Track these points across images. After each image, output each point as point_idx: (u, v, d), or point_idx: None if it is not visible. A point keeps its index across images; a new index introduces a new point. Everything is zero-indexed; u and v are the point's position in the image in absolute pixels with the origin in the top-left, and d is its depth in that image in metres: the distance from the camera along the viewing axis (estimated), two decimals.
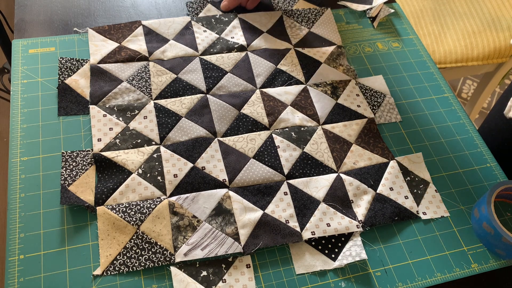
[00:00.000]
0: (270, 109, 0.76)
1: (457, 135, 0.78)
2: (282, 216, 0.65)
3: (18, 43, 0.78)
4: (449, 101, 0.83)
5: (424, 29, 1.31)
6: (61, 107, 0.72)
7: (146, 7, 0.89)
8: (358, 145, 0.74)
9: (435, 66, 0.87)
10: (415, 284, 0.62)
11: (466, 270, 0.64)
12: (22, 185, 0.64)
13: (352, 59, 0.87)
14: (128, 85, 0.75)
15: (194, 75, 0.78)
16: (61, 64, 0.76)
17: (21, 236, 0.60)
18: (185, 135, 0.71)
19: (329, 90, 0.80)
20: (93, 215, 0.62)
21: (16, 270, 0.57)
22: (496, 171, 0.74)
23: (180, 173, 0.67)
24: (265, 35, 0.86)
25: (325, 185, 0.68)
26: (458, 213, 0.69)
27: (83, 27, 0.83)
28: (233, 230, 0.63)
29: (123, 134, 0.70)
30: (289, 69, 0.82)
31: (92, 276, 0.58)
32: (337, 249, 0.63)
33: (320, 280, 0.61)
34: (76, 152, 0.67)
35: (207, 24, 0.87)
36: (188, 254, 0.60)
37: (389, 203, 0.68)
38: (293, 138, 0.73)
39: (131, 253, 0.60)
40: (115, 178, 0.66)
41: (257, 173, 0.68)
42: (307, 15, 0.91)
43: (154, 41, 0.82)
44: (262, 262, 0.62)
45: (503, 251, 0.64)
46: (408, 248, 0.65)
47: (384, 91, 0.82)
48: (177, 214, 0.63)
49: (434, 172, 0.73)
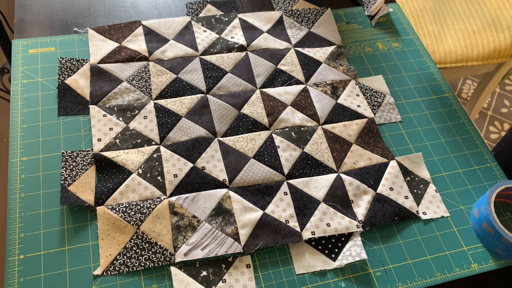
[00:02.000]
0: (270, 109, 0.76)
1: (457, 135, 0.78)
2: (282, 216, 0.65)
3: (18, 43, 0.78)
4: (449, 101, 0.83)
5: (424, 29, 1.31)
6: (61, 107, 0.72)
7: (146, 7, 0.89)
8: (358, 145, 0.74)
9: (435, 66, 0.87)
10: (415, 284, 0.62)
11: (466, 270, 0.64)
12: (22, 185, 0.64)
13: (352, 59, 0.87)
14: (128, 85, 0.75)
15: (194, 75, 0.78)
16: (61, 64, 0.76)
17: (21, 236, 0.60)
18: (185, 135, 0.71)
19: (329, 90, 0.80)
20: (93, 215, 0.62)
21: (16, 270, 0.57)
22: (496, 171, 0.74)
23: (180, 173, 0.67)
24: (265, 35, 0.86)
25: (325, 185, 0.68)
26: (458, 213, 0.69)
27: (83, 27, 0.83)
28: (233, 230, 0.63)
29: (123, 134, 0.70)
30: (289, 69, 0.82)
31: (92, 276, 0.58)
32: (337, 249, 0.63)
33: (320, 280, 0.61)
34: (76, 152, 0.67)
35: (207, 24, 0.87)
36: (188, 254, 0.60)
37: (389, 203, 0.68)
38: (293, 138, 0.73)
39: (131, 253, 0.60)
40: (115, 178, 0.66)
41: (257, 173, 0.68)
42: (307, 15, 0.91)
43: (154, 41, 0.82)
44: (262, 262, 0.62)
45: (503, 251, 0.64)
46: (408, 248, 0.65)
47: (384, 91, 0.82)
48: (177, 214, 0.63)
49: (434, 172, 0.73)
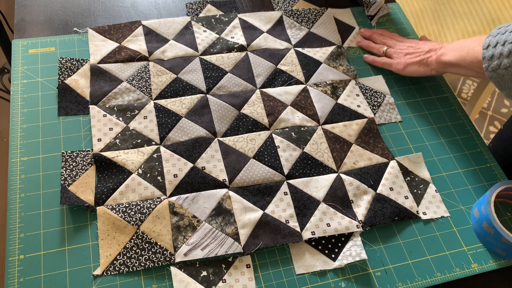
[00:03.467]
0: (270, 109, 0.76)
1: (457, 135, 0.78)
2: (282, 216, 0.65)
3: (18, 43, 0.78)
4: (449, 101, 0.83)
5: (424, 29, 1.31)
6: (61, 107, 0.72)
7: (146, 7, 0.89)
8: (358, 145, 0.74)
9: None
10: (415, 284, 0.62)
11: (466, 270, 0.64)
12: (22, 185, 0.64)
13: (352, 59, 0.87)
14: (128, 85, 0.75)
15: (194, 75, 0.78)
16: (61, 64, 0.76)
17: (21, 236, 0.60)
18: (185, 135, 0.71)
19: (329, 90, 0.80)
20: (93, 215, 0.62)
21: (16, 270, 0.57)
22: (496, 171, 0.74)
23: (180, 173, 0.67)
24: (265, 35, 0.86)
25: (325, 185, 0.68)
26: (458, 213, 0.69)
27: (83, 27, 0.83)
28: (233, 230, 0.63)
29: (123, 134, 0.70)
30: (289, 69, 0.82)
31: (92, 276, 0.58)
32: (337, 249, 0.63)
33: (320, 280, 0.61)
34: (76, 152, 0.67)
35: (207, 24, 0.87)
36: (188, 254, 0.60)
37: (389, 203, 0.68)
38: (293, 138, 0.73)
39: (131, 253, 0.60)
40: (115, 178, 0.65)
41: (257, 173, 0.68)
42: (307, 15, 0.91)
43: (154, 41, 0.82)
44: (262, 262, 0.62)
45: (503, 251, 0.64)
46: (408, 248, 0.65)
47: (384, 91, 0.82)
48: (177, 214, 0.63)
49: (434, 172, 0.73)
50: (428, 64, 0.76)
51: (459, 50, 0.70)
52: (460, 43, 0.71)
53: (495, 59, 0.61)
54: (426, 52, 0.77)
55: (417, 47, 0.80)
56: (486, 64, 0.63)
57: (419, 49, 0.80)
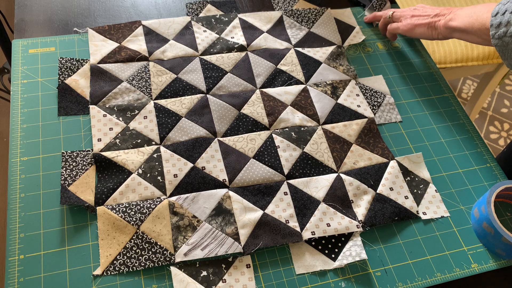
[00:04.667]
0: (270, 109, 0.76)
1: (457, 135, 0.78)
2: (282, 216, 0.65)
3: (18, 43, 0.78)
4: (449, 101, 0.83)
5: None
6: (61, 107, 0.72)
7: (146, 7, 0.89)
8: (358, 145, 0.74)
9: (435, 66, 0.87)
10: (415, 284, 0.62)
11: (466, 270, 0.64)
12: (22, 185, 0.64)
13: (352, 59, 0.87)
14: (128, 85, 0.75)
15: (194, 75, 0.78)
16: (61, 64, 0.76)
17: (21, 236, 0.60)
18: (185, 135, 0.71)
19: (329, 90, 0.80)
20: (93, 215, 0.62)
21: (16, 270, 0.57)
22: (496, 171, 0.74)
23: (180, 173, 0.67)
24: (265, 35, 0.86)
25: (325, 185, 0.68)
26: (458, 213, 0.69)
27: (83, 27, 0.83)
28: (233, 230, 0.63)
29: (123, 134, 0.70)
30: (289, 69, 0.82)
31: (92, 276, 0.58)
32: (337, 249, 0.63)
33: (320, 280, 0.61)
34: (76, 152, 0.67)
35: (207, 24, 0.87)
36: (188, 254, 0.60)
37: (389, 203, 0.68)
38: (293, 138, 0.73)
39: (131, 253, 0.60)
40: (115, 178, 0.65)
41: (257, 173, 0.68)
42: (307, 15, 0.91)
43: (154, 41, 0.82)
44: (262, 262, 0.62)
45: (503, 251, 0.64)
46: (408, 248, 0.65)
47: (384, 91, 0.82)
48: (177, 214, 0.63)
49: (434, 172, 0.73)
50: (436, 27, 0.76)
51: (468, 17, 0.70)
52: (469, 9, 0.71)
53: (502, 26, 0.62)
54: (434, 16, 0.77)
55: (424, 10, 0.80)
56: (493, 31, 0.64)
57: (426, 12, 0.80)
